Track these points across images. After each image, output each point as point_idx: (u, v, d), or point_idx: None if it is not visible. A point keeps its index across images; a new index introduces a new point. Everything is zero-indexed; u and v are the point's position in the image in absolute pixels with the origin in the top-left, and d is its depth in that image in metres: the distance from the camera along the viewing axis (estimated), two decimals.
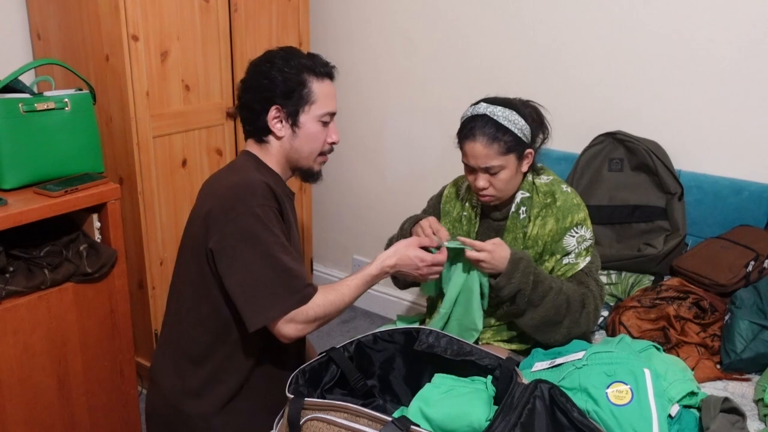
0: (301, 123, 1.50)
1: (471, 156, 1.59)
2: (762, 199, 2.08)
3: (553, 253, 1.64)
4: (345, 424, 1.09)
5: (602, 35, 2.34)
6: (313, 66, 1.50)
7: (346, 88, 3.06)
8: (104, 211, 1.92)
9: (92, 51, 2.16)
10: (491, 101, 1.61)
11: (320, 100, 1.50)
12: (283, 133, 1.50)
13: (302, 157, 1.54)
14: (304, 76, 1.48)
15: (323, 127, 1.53)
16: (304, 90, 1.48)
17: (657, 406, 1.26)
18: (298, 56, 1.51)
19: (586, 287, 1.62)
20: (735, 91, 2.14)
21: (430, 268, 1.55)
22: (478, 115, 1.59)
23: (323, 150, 1.56)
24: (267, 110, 1.48)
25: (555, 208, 1.64)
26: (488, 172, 1.59)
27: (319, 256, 3.39)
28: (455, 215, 1.76)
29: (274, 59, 1.50)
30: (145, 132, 2.20)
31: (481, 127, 1.57)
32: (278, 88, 1.47)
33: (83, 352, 1.92)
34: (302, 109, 1.49)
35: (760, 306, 1.68)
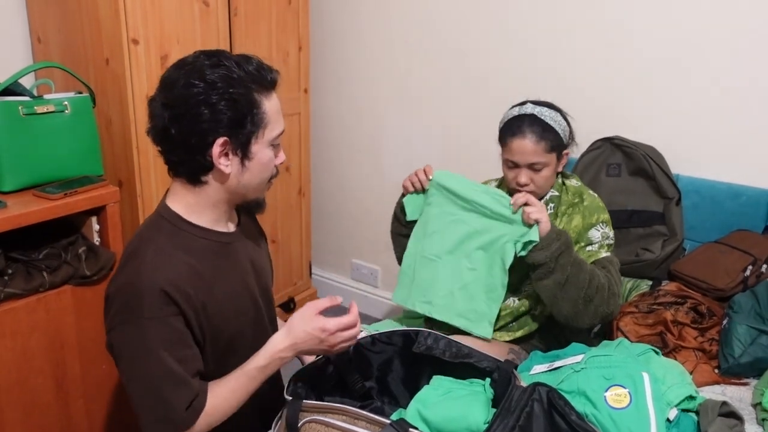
0: (252, 153, 1.22)
1: (518, 152, 1.67)
2: (760, 203, 2.09)
3: (577, 242, 1.72)
4: (343, 426, 1.09)
5: (600, 40, 2.35)
6: (260, 77, 1.20)
7: (345, 92, 3.07)
8: (103, 214, 1.92)
9: (92, 54, 2.16)
10: (536, 102, 1.72)
11: (272, 121, 1.23)
12: (231, 169, 1.22)
13: (250, 191, 1.29)
14: (254, 95, 1.19)
15: (273, 150, 1.27)
16: (256, 114, 1.19)
17: (655, 410, 1.26)
18: (238, 65, 1.19)
19: (609, 273, 1.67)
20: (733, 96, 2.15)
21: (338, 336, 1.24)
22: (526, 114, 1.68)
23: (272, 175, 1.31)
24: (210, 145, 1.18)
25: (582, 206, 1.75)
26: (532, 169, 1.68)
27: (317, 261, 3.39)
28: None
29: (206, 75, 1.16)
30: (145, 135, 2.17)
31: (529, 125, 1.67)
32: (225, 116, 1.16)
33: (81, 355, 1.92)
34: (255, 138, 1.21)
35: (758, 311, 1.69)
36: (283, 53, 2.70)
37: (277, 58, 2.67)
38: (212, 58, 1.19)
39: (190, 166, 1.23)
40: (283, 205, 2.90)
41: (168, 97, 1.19)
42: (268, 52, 2.61)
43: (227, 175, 1.24)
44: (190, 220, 1.29)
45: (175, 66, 1.22)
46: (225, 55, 1.21)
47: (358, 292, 3.31)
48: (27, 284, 1.75)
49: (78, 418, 1.95)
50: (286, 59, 2.72)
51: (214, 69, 1.17)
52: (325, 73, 3.10)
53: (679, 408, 1.39)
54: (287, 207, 2.93)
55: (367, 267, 3.26)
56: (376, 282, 3.25)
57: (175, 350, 1.21)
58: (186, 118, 1.17)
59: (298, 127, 2.88)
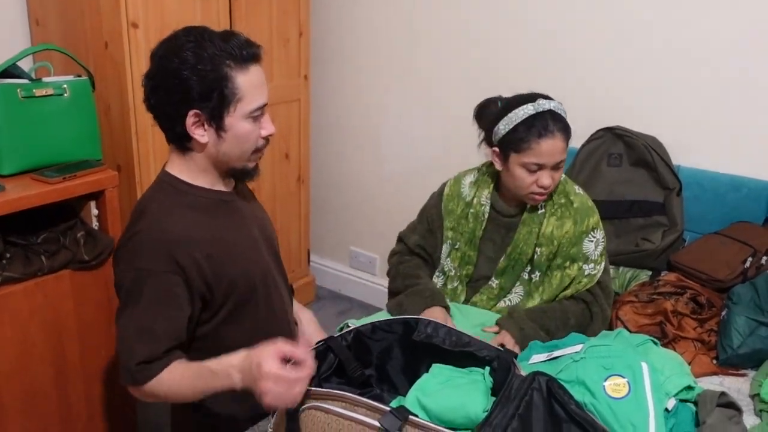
0: (227, 126, 1.27)
1: (548, 154, 1.54)
2: (761, 195, 2.09)
3: (574, 260, 1.65)
4: (343, 413, 1.09)
5: (602, 30, 2.34)
6: (233, 51, 1.24)
7: (346, 78, 3.06)
8: (102, 198, 1.91)
9: (91, 38, 2.14)
10: (542, 96, 1.60)
11: (248, 95, 1.26)
12: (207, 138, 1.28)
13: (233, 160, 1.33)
14: (224, 69, 1.23)
15: (254, 122, 1.30)
16: (226, 88, 1.24)
17: (654, 400, 1.26)
18: (212, 41, 1.24)
19: (586, 301, 1.67)
20: (735, 88, 2.14)
21: (270, 386, 1.10)
22: (544, 111, 1.55)
23: (257, 147, 1.34)
24: (183, 116, 1.25)
25: (572, 209, 1.65)
26: (555, 168, 1.57)
27: (316, 248, 3.39)
28: (459, 213, 1.73)
29: (182, 51, 1.23)
30: (144, 120, 2.19)
31: (554, 122, 1.55)
32: (193, 89, 1.22)
33: (80, 340, 1.92)
34: (226, 111, 1.26)
35: (757, 302, 1.69)
36: (284, 39, 2.68)
37: (278, 43, 2.65)
38: (191, 34, 1.25)
39: (173, 134, 1.31)
40: (282, 192, 2.89)
41: (149, 69, 1.28)
42: (268, 38, 2.59)
43: (205, 145, 1.30)
44: (189, 181, 1.35)
45: (162, 41, 1.28)
46: (206, 31, 1.27)
47: (357, 279, 3.31)
48: (25, 268, 1.75)
49: (77, 404, 1.95)
50: (286, 45, 2.70)
51: (190, 44, 1.23)
52: (325, 59, 3.08)
53: (678, 398, 1.39)
54: (286, 194, 2.92)
55: (365, 255, 3.26)
56: (374, 270, 3.25)
57: (161, 307, 1.27)
58: (161, 90, 1.26)
59: (297, 113, 2.86)
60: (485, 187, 1.70)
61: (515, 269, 1.68)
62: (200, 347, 1.37)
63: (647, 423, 1.23)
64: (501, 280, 1.70)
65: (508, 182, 1.63)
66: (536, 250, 1.65)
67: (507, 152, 1.59)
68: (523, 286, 1.70)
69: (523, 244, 1.65)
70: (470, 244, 1.70)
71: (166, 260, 1.26)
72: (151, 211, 1.31)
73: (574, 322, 1.63)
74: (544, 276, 1.68)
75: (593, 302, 1.66)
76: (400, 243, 1.87)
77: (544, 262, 1.66)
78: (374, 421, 1.05)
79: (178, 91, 1.24)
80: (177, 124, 1.27)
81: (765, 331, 1.61)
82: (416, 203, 1.93)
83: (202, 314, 1.35)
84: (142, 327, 1.26)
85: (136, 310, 1.27)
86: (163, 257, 1.26)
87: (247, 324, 1.41)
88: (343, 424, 1.08)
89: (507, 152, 1.59)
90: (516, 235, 1.66)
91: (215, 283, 1.33)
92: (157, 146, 2.26)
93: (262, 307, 1.43)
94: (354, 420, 1.07)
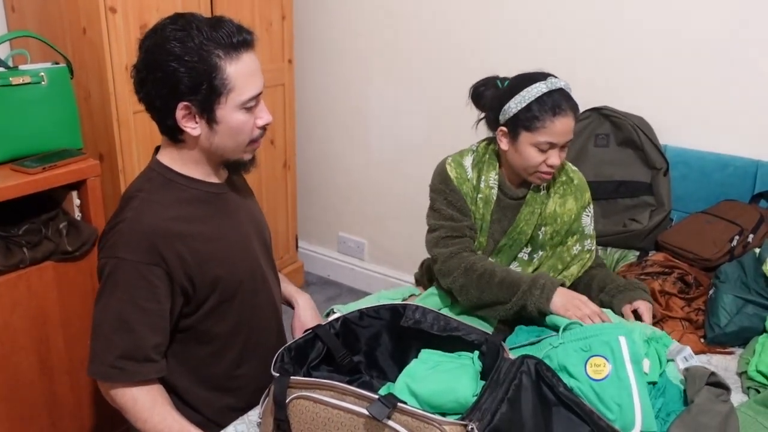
0: (219, 118, 1.23)
1: (562, 132, 1.52)
2: (747, 174, 2.09)
3: (574, 234, 1.68)
4: (332, 402, 1.08)
5: (588, 11, 2.32)
6: (222, 40, 1.19)
7: (331, 62, 3.02)
8: (84, 188, 1.88)
9: (69, 23, 2.10)
10: (551, 75, 1.57)
11: (240, 85, 1.21)
12: (199, 131, 1.24)
13: (228, 152, 1.30)
14: (213, 59, 1.18)
15: (248, 113, 1.26)
16: (216, 79, 1.19)
17: (635, 374, 1.27)
18: (200, 30, 1.18)
19: None
20: (721, 67, 2.13)
21: None
22: (556, 89, 1.53)
23: (253, 137, 1.30)
24: (173, 109, 1.21)
25: (573, 186, 1.66)
26: (563, 147, 1.56)
27: (304, 234, 3.38)
28: (471, 197, 1.66)
29: (168, 41, 1.17)
30: (125, 107, 2.15)
31: (567, 100, 1.53)
32: (181, 82, 1.18)
33: (65, 331, 1.90)
34: (217, 102, 1.21)
35: (744, 280, 1.69)
36: (266, 23, 2.64)
37: (260, 27, 2.61)
38: (179, 23, 1.20)
39: (164, 126, 1.27)
40: (268, 178, 2.87)
41: (137, 60, 1.24)
42: (250, 22, 2.55)
43: (197, 138, 1.26)
44: (180, 171, 1.32)
45: (148, 31, 1.24)
46: (195, 19, 1.21)
47: (345, 265, 3.30)
48: (7, 260, 1.72)
49: (63, 394, 1.94)
50: (269, 29, 2.66)
51: (177, 35, 1.18)
52: (309, 43, 3.04)
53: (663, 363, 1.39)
54: (272, 180, 2.90)
55: (353, 240, 3.25)
56: (362, 255, 3.24)
57: (139, 298, 1.24)
58: (149, 83, 1.22)
59: (282, 98, 2.83)
60: (491, 168, 1.65)
61: (513, 249, 1.67)
62: (182, 339, 1.36)
63: (632, 400, 1.24)
64: (498, 259, 1.69)
65: (516, 162, 1.60)
66: (540, 230, 1.65)
67: (517, 131, 1.56)
68: (520, 265, 1.69)
69: (523, 224, 1.64)
70: (481, 231, 1.66)
71: (148, 251, 1.24)
72: (138, 201, 1.28)
73: None
74: (544, 255, 1.68)
75: None
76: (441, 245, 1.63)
77: (548, 241, 1.66)
78: (363, 409, 1.04)
79: (166, 84, 1.19)
80: (167, 117, 1.23)
81: (752, 309, 1.62)
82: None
83: (184, 308, 1.32)
84: (118, 318, 1.24)
85: (114, 299, 1.25)
86: (146, 248, 1.23)
87: (231, 318, 1.39)
88: (331, 413, 1.07)
89: (517, 131, 1.56)
90: (518, 215, 1.65)
91: (199, 278, 1.30)
92: (139, 133, 2.22)
93: (247, 302, 1.41)
94: (342, 409, 1.07)
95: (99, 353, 1.25)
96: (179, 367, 1.36)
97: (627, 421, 1.22)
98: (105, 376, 1.26)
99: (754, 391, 1.41)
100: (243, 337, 1.42)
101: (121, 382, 1.25)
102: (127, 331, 1.24)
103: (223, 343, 1.40)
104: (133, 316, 1.24)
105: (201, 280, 1.30)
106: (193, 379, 1.39)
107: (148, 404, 1.25)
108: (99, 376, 1.27)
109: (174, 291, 1.28)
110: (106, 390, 1.28)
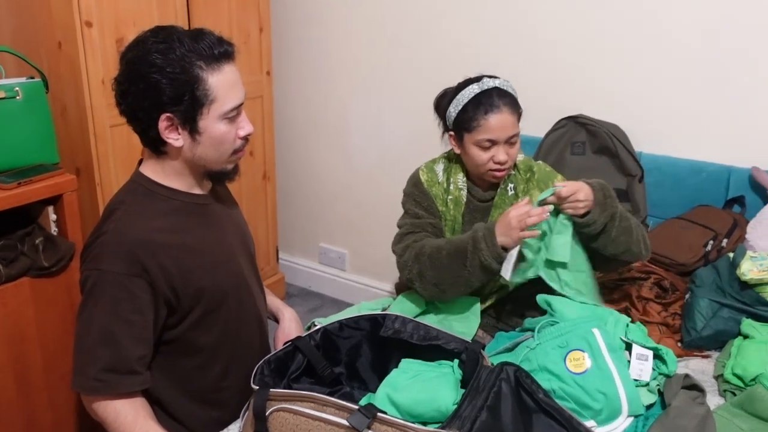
0: (201, 128, 1.24)
1: (498, 128, 1.57)
2: (720, 179, 2.13)
3: None
4: (312, 413, 1.08)
5: (564, 21, 2.35)
6: (203, 51, 1.21)
7: (310, 74, 3.03)
8: (60, 203, 1.87)
9: (44, 38, 2.09)
10: (487, 76, 1.62)
11: (221, 96, 1.23)
12: (181, 142, 1.25)
13: (211, 163, 1.31)
14: (195, 70, 1.20)
15: (230, 123, 1.27)
16: (198, 90, 1.21)
17: (615, 362, 1.29)
18: (181, 42, 1.20)
19: None
20: (693, 75, 2.17)
21: None
22: (491, 88, 1.59)
23: (236, 147, 1.31)
24: (155, 120, 1.22)
25: (535, 180, 1.69)
26: (508, 143, 1.59)
27: (285, 245, 3.37)
28: (442, 199, 1.72)
29: (150, 54, 1.19)
30: (102, 121, 2.14)
31: (500, 97, 1.58)
32: (164, 93, 1.19)
33: (43, 348, 1.87)
34: (199, 114, 1.23)
35: (719, 284, 1.72)
36: (244, 35, 2.65)
37: (238, 40, 2.61)
38: (160, 35, 1.22)
39: (147, 138, 1.28)
40: (247, 190, 2.86)
41: (119, 73, 1.25)
42: (228, 34, 2.50)
43: (180, 149, 1.27)
44: (163, 183, 1.33)
45: (130, 43, 1.25)
46: (176, 31, 1.23)
47: (327, 275, 3.30)
48: None
49: (42, 412, 1.91)
50: (247, 41, 2.66)
51: (159, 47, 1.20)
52: (288, 54, 3.05)
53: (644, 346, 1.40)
54: (252, 192, 2.89)
55: (335, 251, 3.25)
56: (344, 265, 3.24)
57: (122, 310, 1.23)
58: (131, 95, 1.22)
59: (261, 110, 2.83)
60: (458, 171, 1.71)
61: None
62: (167, 351, 1.35)
63: (616, 388, 1.27)
64: None
65: (468, 163, 1.66)
66: None
67: (461, 134, 1.63)
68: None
69: None
70: (455, 233, 1.70)
71: (130, 263, 1.24)
72: (120, 213, 1.29)
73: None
74: None
75: None
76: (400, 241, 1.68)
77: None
78: (343, 420, 1.04)
79: (149, 96, 1.20)
80: (150, 129, 1.24)
81: (727, 313, 1.64)
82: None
83: (169, 319, 1.32)
84: (102, 330, 1.24)
85: (96, 311, 1.24)
86: (128, 260, 1.23)
87: (215, 330, 1.38)
88: (312, 424, 1.07)
89: (461, 134, 1.63)
90: (489, 218, 1.68)
91: (182, 290, 1.30)
92: (117, 147, 2.21)
93: (232, 313, 1.40)
94: (323, 420, 1.07)
95: (82, 366, 1.25)
96: (164, 380, 1.36)
97: (614, 407, 1.26)
98: (89, 389, 1.25)
99: (730, 394, 1.43)
100: (228, 349, 1.42)
101: (105, 394, 1.24)
102: (111, 343, 1.23)
103: (208, 355, 1.39)
104: (116, 329, 1.23)
105: (185, 291, 1.30)
106: (179, 391, 1.38)
107: (131, 417, 1.24)
108: (83, 389, 1.26)
109: (157, 302, 1.27)
110: (89, 403, 1.27)
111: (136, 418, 1.24)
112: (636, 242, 1.58)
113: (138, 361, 1.26)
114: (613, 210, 1.51)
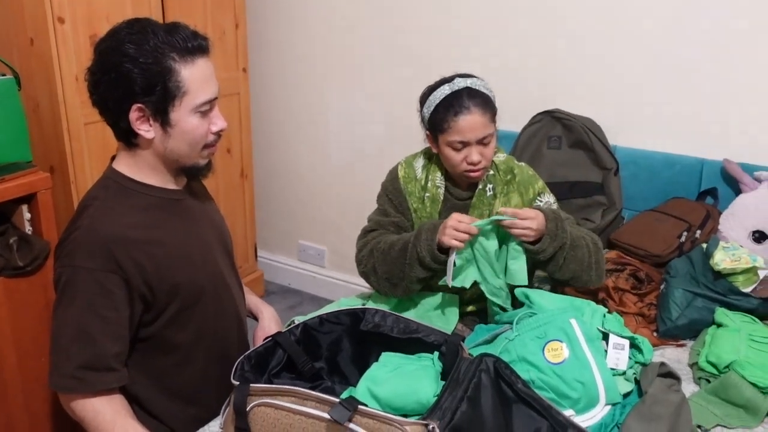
0: (173, 121, 1.24)
1: (468, 129, 1.55)
2: (693, 171, 2.16)
3: None
4: (293, 408, 1.08)
5: (537, 16, 2.37)
6: (177, 44, 1.21)
7: (286, 70, 3.02)
8: (34, 201, 1.84)
9: (15, 34, 2.05)
10: (460, 75, 1.61)
11: (194, 89, 1.23)
12: (153, 134, 1.25)
13: (182, 157, 1.30)
14: (168, 62, 1.20)
15: (202, 117, 1.27)
16: (170, 81, 1.20)
17: (592, 351, 1.32)
18: (155, 33, 1.20)
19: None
20: (667, 69, 2.21)
21: None
22: (461, 89, 1.58)
23: (207, 142, 1.31)
24: (127, 111, 1.22)
25: (515, 183, 1.68)
26: (481, 144, 1.58)
27: (263, 243, 3.35)
28: (418, 196, 1.71)
29: (123, 44, 1.19)
30: (76, 118, 2.11)
31: (470, 98, 1.56)
32: (135, 83, 1.19)
33: (18, 349, 1.84)
34: (171, 105, 1.22)
35: (693, 274, 1.75)
36: (219, 31, 2.63)
37: (213, 36, 2.59)
38: (134, 27, 1.22)
39: (119, 130, 1.28)
40: (225, 187, 2.84)
41: (92, 63, 1.24)
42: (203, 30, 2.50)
43: (151, 141, 1.27)
44: (136, 179, 1.32)
45: (104, 35, 1.25)
46: (150, 23, 1.23)
47: (306, 272, 3.29)
48: None
49: (18, 414, 1.88)
50: (222, 37, 2.64)
51: (132, 38, 1.20)
52: (264, 50, 3.03)
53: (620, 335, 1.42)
54: (230, 189, 2.88)
55: (314, 247, 3.24)
56: (323, 262, 3.24)
57: (97, 307, 1.23)
58: (102, 84, 1.22)
59: (237, 107, 2.82)
60: (437, 169, 1.70)
61: None
62: (145, 348, 1.34)
63: (593, 377, 1.29)
64: None
65: (444, 162, 1.66)
66: None
67: (435, 134, 1.63)
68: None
69: None
70: None
71: (104, 259, 1.23)
72: (93, 209, 1.28)
73: (588, 238, 1.60)
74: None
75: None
76: (362, 238, 1.72)
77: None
78: (324, 413, 1.04)
79: (121, 85, 1.20)
80: (121, 120, 1.24)
81: (701, 302, 1.67)
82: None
83: (144, 316, 1.31)
84: (77, 328, 1.23)
85: (72, 308, 1.23)
86: (101, 255, 1.23)
87: (193, 327, 1.38)
88: (293, 418, 1.07)
89: (435, 134, 1.63)
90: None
91: (157, 285, 1.29)
92: (91, 144, 2.18)
93: (210, 310, 1.40)
94: (304, 414, 1.07)
95: (58, 364, 1.23)
96: (142, 378, 1.35)
97: (591, 396, 1.28)
98: (66, 388, 1.24)
99: (704, 381, 1.46)
100: (206, 346, 1.41)
101: (82, 392, 1.23)
102: (87, 340, 1.22)
103: (185, 352, 1.38)
104: (91, 325, 1.22)
105: (160, 286, 1.29)
106: (157, 389, 1.37)
107: (110, 416, 1.23)
108: (59, 387, 1.24)
109: (132, 298, 1.26)
110: (67, 402, 1.26)
111: (114, 416, 1.23)
112: (587, 270, 1.59)
113: (115, 357, 1.25)
114: (563, 241, 1.53)
